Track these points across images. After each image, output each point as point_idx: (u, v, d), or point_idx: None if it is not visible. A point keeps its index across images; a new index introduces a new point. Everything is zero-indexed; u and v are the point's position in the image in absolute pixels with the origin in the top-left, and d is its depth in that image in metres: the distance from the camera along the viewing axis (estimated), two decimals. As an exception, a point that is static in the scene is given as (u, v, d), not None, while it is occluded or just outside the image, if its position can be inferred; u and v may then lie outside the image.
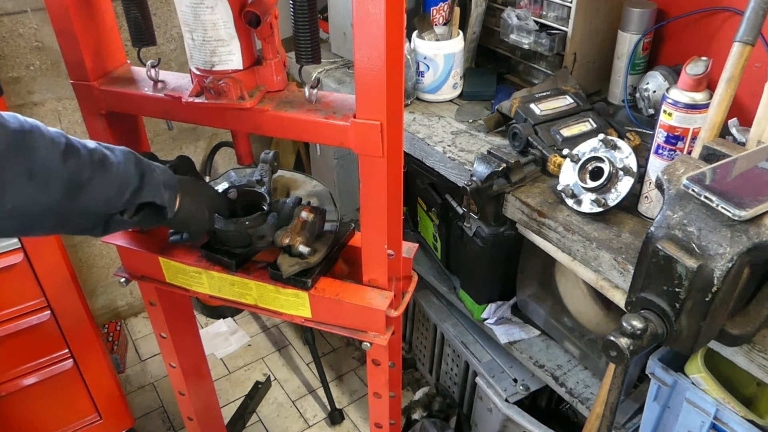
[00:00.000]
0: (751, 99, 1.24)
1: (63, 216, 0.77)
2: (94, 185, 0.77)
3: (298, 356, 2.40)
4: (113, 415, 1.87)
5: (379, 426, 1.29)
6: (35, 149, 0.70)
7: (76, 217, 0.79)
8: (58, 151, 0.73)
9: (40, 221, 0.76)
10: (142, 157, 0.87)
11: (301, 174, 1.23)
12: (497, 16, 1.65)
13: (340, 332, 1.08)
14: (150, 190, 0.85)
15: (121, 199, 0.82)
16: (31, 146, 0.70)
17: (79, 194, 0.76)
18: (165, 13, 2.09)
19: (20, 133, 0.70)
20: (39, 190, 0.72)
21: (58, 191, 0.74)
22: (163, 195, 0.88)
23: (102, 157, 0.79)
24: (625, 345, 0.85)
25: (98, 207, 0.80)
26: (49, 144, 0.72)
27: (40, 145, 0.71)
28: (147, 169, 0.85)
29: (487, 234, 1.43)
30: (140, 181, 0.83)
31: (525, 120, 1.36)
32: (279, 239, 1.01)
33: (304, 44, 0.91)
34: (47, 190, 0.73)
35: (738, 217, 0.82)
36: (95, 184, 0.77)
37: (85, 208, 0.78)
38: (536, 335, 1.61)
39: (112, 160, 0.80)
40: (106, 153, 0.80)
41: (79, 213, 0.78)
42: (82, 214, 0.79)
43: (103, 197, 0.79)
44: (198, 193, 0.98)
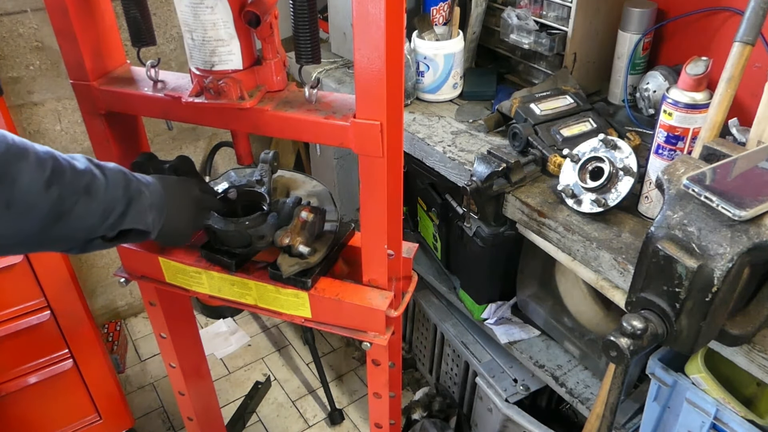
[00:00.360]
0: (751, 99, 1.24)
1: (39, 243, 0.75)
2: (77, 213, 0.74)
3: (298, 356, 2.40)
4: (113, 415, 1.87)
5: (379, 426, 1.29)
6: (16, 179, 0.67)
7: (53, 243, 0.77)
8: (42, 180, 0.70)
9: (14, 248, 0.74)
10: (133, 178, 0.84)
11: (301, 174, 1.23)
12: (497, 16, 1.65)
13: (340, 332, 1.08)
14: (134, 216, 0.83)
15: (102, 226, 0.79)
16: (12, 176, 0.67)
17: (59, 222, 0.73)
18: (165, 13, 2.09)
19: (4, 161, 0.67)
20: (16, 220, 0.69)
21: (37, 221, 0.71)
22: (147, 220, 0.85)
23: (89, 182, 0.76)
24: (625, 345, 0.85)
25: (78, 233, 0.77)
26: (33, 172, 0.69)
27: (23, 174, 0.68)
28: (135, 194, 0.83)
29: (487, 234, 1.42)
30: (126, 206, 0.81)
31: (525, 120, 1.36)
32: (279, 239, 1.01)
33: (304, 44, 0.91)
34: (25, 220, 0.70)
35: (738, 217, 0.82)
36: (78, 211, 0.74)
37: (63, 235, 0.75)
38: (536, 335, 1.61)
39: (99, 185, 0.77)
40: (94, 176, 0.76)
41: (57, 239, 0.76)
42: (60, 239, 0.76)
43: (84, 225, 0.76)
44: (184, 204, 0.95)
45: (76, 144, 2.10)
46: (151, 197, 0.86)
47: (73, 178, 0.73)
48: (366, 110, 0.86)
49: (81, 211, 0.75)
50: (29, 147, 0.70)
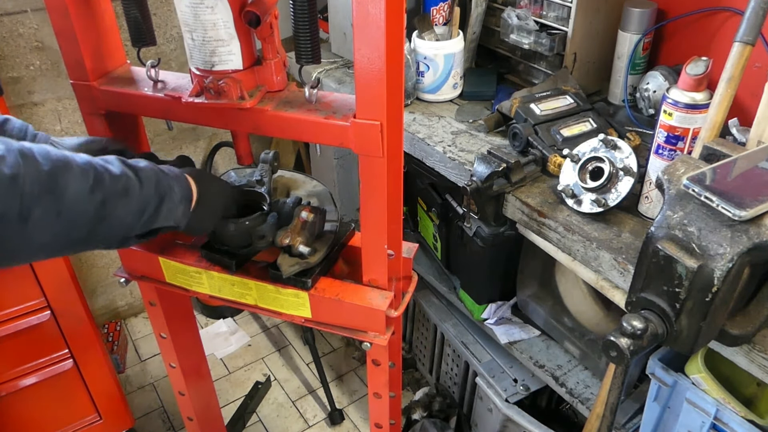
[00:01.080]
0: (752, 99, 1.24)
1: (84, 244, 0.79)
2: (117, 214, 0.78)
3: (298, 356, 2.40)
4: (113, 415, 1.87)
5: (379, 426, 1.29)
6: (65, 189, 0.71)
7: (96, 243, 0.80)
8: (87, 188, 0.74)
9: (62, 251, 0.77)
10: (163, 175, 0.86)
11: (301, 174, 1.23)
12: (497, 16, 1.65)
13: (340, 332, 1.08)
14: (166, 213, 0.85)
15: (138, 224, 0.82)
16: (61, 187, 0.71)
17: (102, 224, 0.77)
18: (165, 13, 2.09)
19: (53, 175, 0.70)
20: (66, 227, 0.73)
21: (84, 226, 0.75)
22: (177, 215, 0.88)
23: (125, 185, 0.79)
24: (626, 345, 0.85)
25: (117, 233, 0.81)
26: (79, 182, 0.73)
27: (70, 184, 0.72)
28: (166, 191, 0.85)
29: (487, 234, 1.42)
30: (159, 204, 0.84)
31: (525, 120, 1.36)
32: (279, 239, 1.01)
33: (304, 44, 0.91)
34: (74, 226, 0.74)
35: (738, 217, 0.82)
36: (118, 213, 0.78)
37: (105, 236, 0.79)
38: (536, 335, 1.61)
39: (134, 186, 0.80)
40: (129, 177, 0.80)
41: (100, 240, 0.80)
42: (102, 240, 0.80)
43: (123, 224, 0.80)
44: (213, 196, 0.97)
45: (76, 144, 2.10)
46: (181, 191, 0.88)
47: (111, 183, 0.77)
48: (366, 110, 0.86)
49: (120, 212, 0.78)
50: (70, 158, 0.74)
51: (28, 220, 0.68)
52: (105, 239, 0.80)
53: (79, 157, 0.75)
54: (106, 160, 0.79)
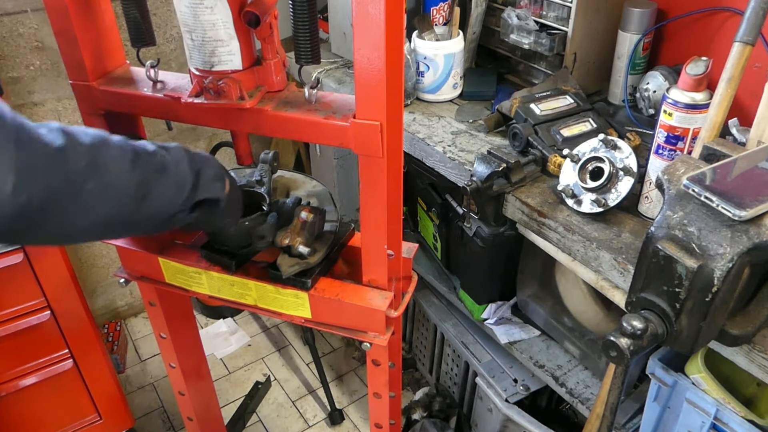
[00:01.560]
0: (752, 99, 1.23)
1: (131, 225, 0.79)
2: (158, 191, 0.78)
3: (298, 356, 2.40)
4: (113, 415, 1.87)
5: (379, 426, 1.29)
6: (108, 165, 0.71)
7: (142, 224, 0.80)
8: (128, 163, 0.74)
9: (110, 233, 0.78)
10: (194, 153, 0.87)
11: (300, 174, 1.23)
12: (497, 16, 1.65)
13: (340, 332, 1.08)
14: (204, 186, 0.86)
15: (179, 200, 0.82)
16: (104, 163, 0.71)
17: (145, 201, 0.77)
18: (165, 13, 2.09)
19: (95, 149, 0.70)
20: (114, 203, 0.73)
21: (128, 202, 0.75)
22: (216, 188, 0.89)
23: (161, 161, 0.79)
24: (625, 345, 0.85)
25: (161, 210, 0.81)
26: (119, 157, 0.73)
27: (112, 159, 0.72)
28: (201, 165, 0.86)
29: (487, 234, 1.42)
30: (195, 179, 0.84)
31: (525, 120, 1.36)
32: (279, 239, 1.01)
33: (304, 44, 0.91)
34: (119, 203, 0.74)
35: (738, 217, 0.82)
36: (158, 189, 0.78)
37: (149, 215, 0.79)
38: (536, 335, 1.61)
39: (169, 162, 0.80)
40: (163, 155, 0.80)
41: (145, 219, 0.79)
42: (147, 219, 0.80)
43: (164, 201, 0.80)
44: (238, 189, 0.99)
45: (76, 144, 2.10)
46: (213, 170, 0.89)
47: (147, 159, 0.77)
48: (366, 110, 0.86)
49: (160, 188, 0.78)
50: (107, 135, 0.74)
51: (80, 196, 0.68)
52: (149, 219, 0.80)
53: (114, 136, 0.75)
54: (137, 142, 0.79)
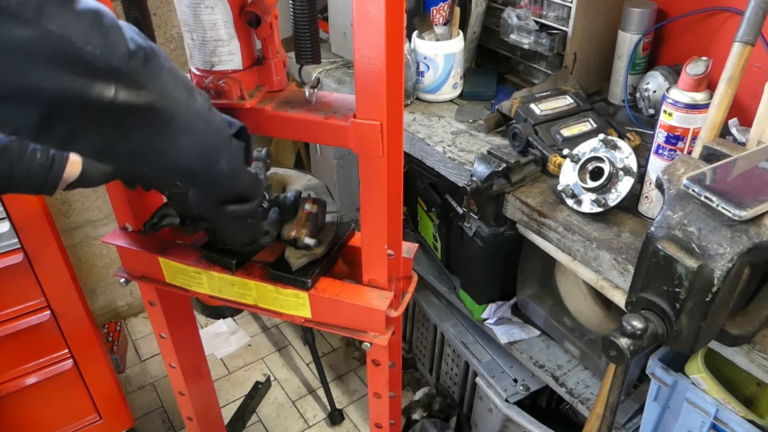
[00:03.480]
0: (751, 99, 1.23)
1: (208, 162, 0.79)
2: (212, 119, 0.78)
3: (298, 356, 2.40)
4: (113, 415, 1.87)
5: (379, 426, 1.29)
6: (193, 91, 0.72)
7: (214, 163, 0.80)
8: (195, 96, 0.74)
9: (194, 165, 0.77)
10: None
11: (294, 170, 1.23)
12: (497, 16, 1.65)
13: (340, 332, 1.08)
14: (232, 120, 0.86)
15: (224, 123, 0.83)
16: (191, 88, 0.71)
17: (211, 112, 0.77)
18: (165, 13, 2.09)
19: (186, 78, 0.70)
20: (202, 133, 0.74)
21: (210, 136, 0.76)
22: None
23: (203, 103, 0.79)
24: (625, 345, 0.85)
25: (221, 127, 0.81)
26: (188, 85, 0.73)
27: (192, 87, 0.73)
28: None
29: (487, 234, 1.42)
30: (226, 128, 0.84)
31: (525, 120, 1.36)
32: (286, 232, 1.01)
33: (304, 44, 0.91)
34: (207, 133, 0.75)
35: (738, 217, 0.82)
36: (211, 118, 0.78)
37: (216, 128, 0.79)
38: (536, 335, 1.61)
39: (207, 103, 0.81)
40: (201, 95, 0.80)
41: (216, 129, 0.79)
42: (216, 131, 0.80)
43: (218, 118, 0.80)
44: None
45: (76, 144, 2.09)
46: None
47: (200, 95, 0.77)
48: (366, 110, 0.86)
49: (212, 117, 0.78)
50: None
51: (174, 118, 0.67)
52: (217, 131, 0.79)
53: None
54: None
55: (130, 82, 0.61)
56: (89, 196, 2.23)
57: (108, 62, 0.59)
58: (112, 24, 0.60)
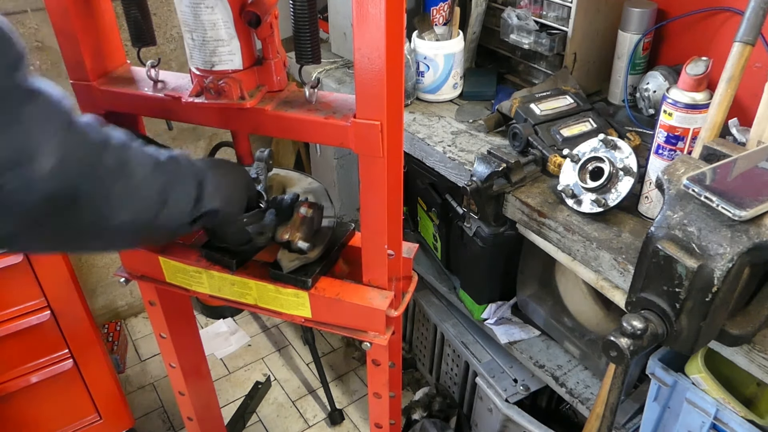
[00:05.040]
0: (752, 99, 1.23)
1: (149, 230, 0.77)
2: (173, 198, 0.76)
3: (298, 356, 2.40)
4: (113, 415, 1.87)
5: (379, 426, 1.29)
6: (135, 168, 0.70)
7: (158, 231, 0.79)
8: (150, 168, 0.72)
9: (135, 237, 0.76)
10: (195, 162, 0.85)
11: (295, 172, 1.23)
12: (497, 16, 1.65)
13: (340, 332, 1.08)
14: (208, 197, 0.84)
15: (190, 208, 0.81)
16: (132, 165, 0.69)
17: (163, 210, 0.75)
18: (165, 13, 2.09)
19: (125, 150, 0.69)
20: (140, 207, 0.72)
21: (150, 208, 0.73)
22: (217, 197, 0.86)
23: (175, 169, 0.78)
24: (626, 345, 0.85)
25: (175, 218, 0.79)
26: (143, 161, 0.72)
27: (138, 163, 0.71)
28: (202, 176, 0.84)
29: (487, 234, 1.42)
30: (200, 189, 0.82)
31: (525, 120, 1.36)
32: (279, 235, 1.01)
33: (304, 44, 0.91)
34: (142, 209, 0.72)
35: (738, 217, 0.82)
36: (174, 197, 0.76)
37: (165, 222, 0.77)
38: (536, 335, 1.61)
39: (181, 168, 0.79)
40: (177, 162, 0.79)
41: (162, 226, 0.77)
42: (163, 226, 0.78)
43: (178, 210, 0.78)
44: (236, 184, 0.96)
45: (76, 144, 2.09)
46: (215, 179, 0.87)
47: (165, 167, 0.76)
48: (366, 110, 0.86)
49: (176, 196, 0.77)
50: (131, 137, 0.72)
51: (109, 195, 0.67)
52: (165, 225, 0.78)
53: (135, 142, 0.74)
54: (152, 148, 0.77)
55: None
56: (89, 196, 2.23)
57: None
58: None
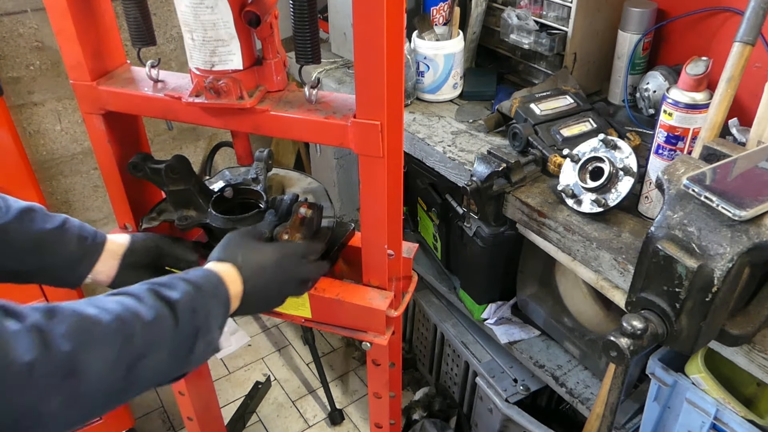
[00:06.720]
0: (751, 99, 1.23)
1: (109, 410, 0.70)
2: (146, 373, 0.69)
3: (298, 356, 2.40)
4: (113, 415, 1.87)
5: (379, 426, 1.29)
6: (87, 370, 0.62)
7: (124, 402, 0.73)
8: (111, 359, 0.64)
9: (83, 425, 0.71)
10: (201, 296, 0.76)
11: (295, 172, 1.23)
12: (497, 16, 1.65)
13: (340, 332, 1.08)
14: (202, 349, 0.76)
15: (171, 370, 0.74)
16: (83, 368, 0.62)
17: (128, 390, 0.68)
18: (165, 13, 2.09)
19: (74, 355, 0.61)
20: (87, 410, 0.64)
21: (108, 401, 0.67)
22: (215, 341, 0.80)
23: (159, 331, 0.70)
24: (626, 345, 0.85)
25: (148, 387, 0.72)
26: (102, 355, 0.64)
27: (93, 362, 0.63)
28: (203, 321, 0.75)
29: (487, 234, 1.42)
30: (194, 341, 0.74)
31: (525, 120, 1.36)
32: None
33: (304, 44, 0.91)
34: (96, 405, 0.66)
35: (738, 217, 0.82)
36: (147, 370, 0.69)
37: (135, 394, 0.70)
38: (536, 335, 1.61)
39: (169, 326, 0.71)
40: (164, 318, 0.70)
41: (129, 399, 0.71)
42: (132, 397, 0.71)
43: (154, 377, 0.71)
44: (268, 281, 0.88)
45: (76, 144, 2.10)
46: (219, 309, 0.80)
47: (142, 336, 0.68)
48: (366, 110, 0.86)
49: (151, 365, 0.69)
50: (95, 319, 0.65)
51: (42, 416, 0.59)
52: (135, 395, 0.71)
53: (107, 310, 0.66)
54: (139, 298, 0.70)
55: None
56: (89, 196, 2.23)
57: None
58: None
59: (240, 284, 0.84)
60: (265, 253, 0.89)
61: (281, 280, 0.90)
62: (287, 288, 0.92)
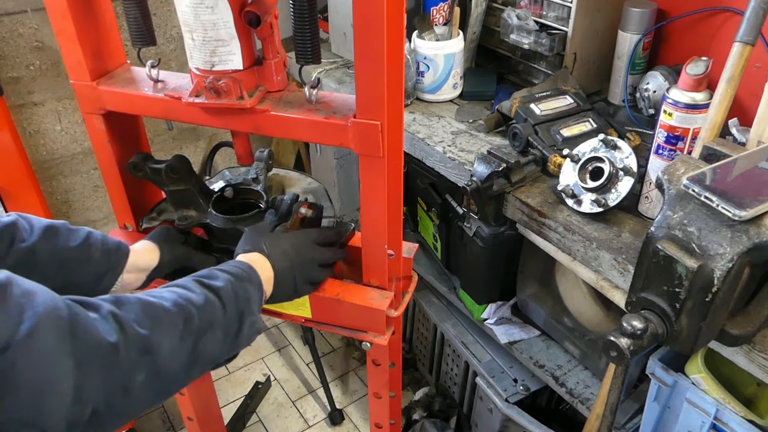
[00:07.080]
0: (751, 99, 1.23)
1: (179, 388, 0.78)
2: (206, 351, 0.76)
3: (298, 356, 2.40)
4: (113, 415, 1.87)
5: (379, 426, 1.29)
6: (160, 347, 0.69)
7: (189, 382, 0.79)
8: (177, 337, 0.71)
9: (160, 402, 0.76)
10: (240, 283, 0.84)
11: (295, 172, 1.23)
12: (497, 16, 1.65)
13: (340, 332, 1.08)
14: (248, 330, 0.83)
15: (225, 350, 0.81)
16: (157, 345, 0.68)
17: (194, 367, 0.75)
18: (165, 13, 2.09)
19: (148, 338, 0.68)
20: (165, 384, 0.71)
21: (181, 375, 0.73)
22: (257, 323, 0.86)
23: (211, 315, 0.77)
24: (626, 345, 0.85)
25: (207, 367, 0.80)
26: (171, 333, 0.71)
27: (164, 340, 0.70)
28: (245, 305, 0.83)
29: (487, 234, 1.42)
30: (240, 323, 0.81)
31: (525, 120, 1.36)
32: None
33: (304, 44, 0.91)
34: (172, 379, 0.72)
35: (738, 217, 0.82)
36: (207, 349, 0.76)
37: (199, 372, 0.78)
38: (536, 335, 1.61)
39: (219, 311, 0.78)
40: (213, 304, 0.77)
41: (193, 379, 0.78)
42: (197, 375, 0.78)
43: (212, 357, 0.78)
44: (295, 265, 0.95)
45: (77, 144, 2.10)
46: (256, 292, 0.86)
47: (199, 320, 0.75)
48: (366, 110, 0.86)
49: (210, 347, 0.76)
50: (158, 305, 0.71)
51: (131, 390, 0.65)
52: (198, 374, 0.78)
53: (164, 298, 0.73)
54: (187, 288, 0.77)
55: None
56: (89, 196, 2.23)
57: None
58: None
59: (270, 269, 0.92)
60: (283, 239, 0.97)
61: (301, 261, 0.96)
62: (309, 271, 0.98)
